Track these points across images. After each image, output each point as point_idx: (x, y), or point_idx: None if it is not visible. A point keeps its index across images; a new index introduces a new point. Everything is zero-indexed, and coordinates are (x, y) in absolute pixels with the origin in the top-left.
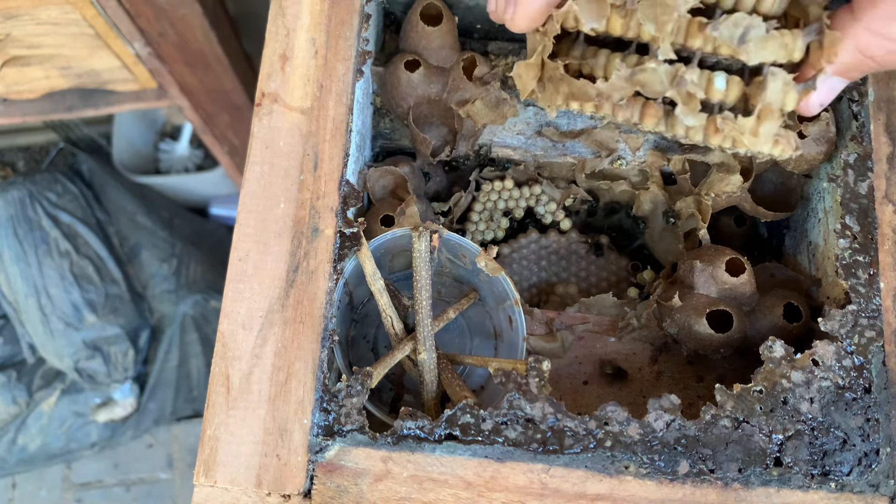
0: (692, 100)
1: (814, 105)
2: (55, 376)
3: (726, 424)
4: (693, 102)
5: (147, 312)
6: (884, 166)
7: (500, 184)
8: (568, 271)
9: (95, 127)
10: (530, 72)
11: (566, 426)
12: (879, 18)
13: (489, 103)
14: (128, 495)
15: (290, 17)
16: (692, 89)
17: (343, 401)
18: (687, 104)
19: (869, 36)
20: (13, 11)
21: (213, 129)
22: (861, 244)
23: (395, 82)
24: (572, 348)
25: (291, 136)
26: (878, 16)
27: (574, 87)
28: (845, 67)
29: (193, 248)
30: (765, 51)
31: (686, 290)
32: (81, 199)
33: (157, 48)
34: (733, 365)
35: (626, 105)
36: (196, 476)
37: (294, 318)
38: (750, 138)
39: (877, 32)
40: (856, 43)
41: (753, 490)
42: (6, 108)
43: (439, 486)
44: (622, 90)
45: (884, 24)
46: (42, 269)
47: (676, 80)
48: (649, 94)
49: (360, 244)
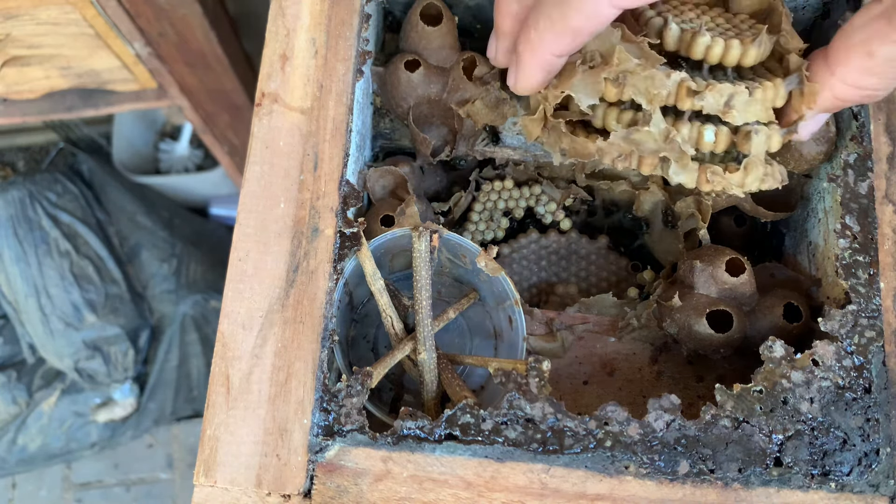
0: (683, 157)
1: (804, 135)
2: (55, 376)
3: (726, 424)
4: (685, 159)
5: (147, 312)
6: (884, 166)
7: (500, 184)
8: (568, 271)
9: (95, 127)
10: (534, 123)
11: (566, 426)
12: (853, 72)
13: (489, 103)
14: (128, 495)
15: (290, 17)
16: (684, 147)
17: (343, 401)
18: (679, 161)
19: (844, 87)
20: (13, 11)
21: (213, 129)
22: (861, 244)
23: (395, 82)
24: (572, 348)
25: (291, 136)
26: (852, 70)
27: (576, 143)
28: (826, 108)
29: (193, 248)
30: (749, 113)
31: (686, 290)
32: (81, 199)
33: (157, 48)
34: (733, 365)
35: (625, 158)
36: (196, 476)
37: (294, 318)
38: (738, 189)
39: (852, 85)
40: (833, 93)
41: (753, 490)
42: (6, 108)
43: (439, 486)
44: (620, 149)
45: (858, 78)
46: (42, 269)
47: (669, 140)
48: (644, 152)
49: (360, 244)
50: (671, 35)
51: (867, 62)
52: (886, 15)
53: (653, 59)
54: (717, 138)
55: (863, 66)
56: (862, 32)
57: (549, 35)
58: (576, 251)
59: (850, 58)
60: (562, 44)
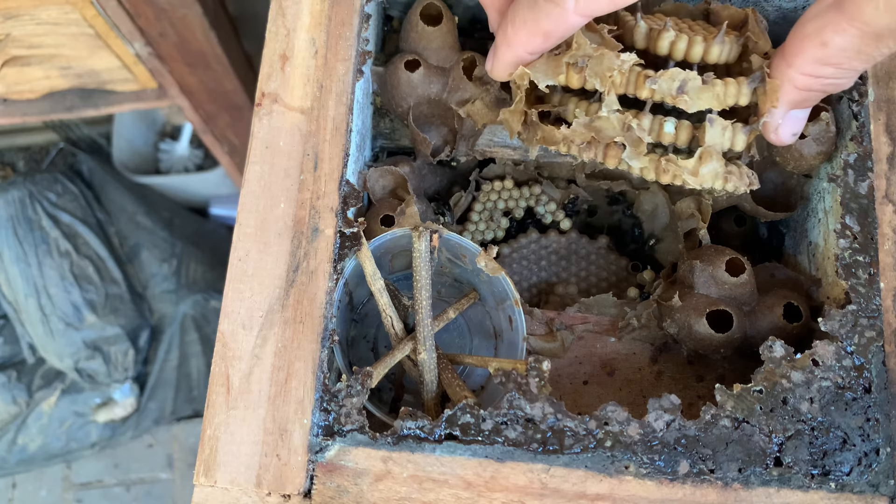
0: (640, 144)
1: (785, 136)
2: (55, 376)
3: (726, 424)
4: (640, 146)
5: (147, 312)
6: (884, 166)
7: (500, 184)
8: (568, 271)
9: (95, 127)
10: (514, 116)
11: (566, 426)
12: (809, 63)
13: (489, 103)
14: (128, 495)
15: (290, 17)
16: (640, 134)
17: (343, 401)
18: (635, 147)
19: (803, 78)
20: (13, 11)
21: (213, 129)
22: (861, 244)
23: (395, 82)
24: (572, 348)
25: (291, 136)
26: (807, 60)
27: (544, 131)
28: (794, 103)
29: (193, 248)
30: (701, 100)
31: (686, 290)
32: (81, 199)
33: (157, 48)
34: (733, 365)
35: (589, 147)
36: (196, 476)
37: (294, 318)
38: (692, 178)
39: (810, 75)
40: (794, 84)
41: (753, 490)
42: (6, 108)
43: (439, 485)
44: (582, 135)
45: (814, 68)
46: (42, 269)
47: (626, 126)
48: (604, 139)
49: (360, 244)
50: (639, 32)
51: (821, 52)
52: (837, 4)
53: (611, 44)
54: (677, 130)
55: (817, 57)
56: (815, 23)
57: (523, 33)
58: (576, 251)
59: (805, 48)
60: (533, 43)
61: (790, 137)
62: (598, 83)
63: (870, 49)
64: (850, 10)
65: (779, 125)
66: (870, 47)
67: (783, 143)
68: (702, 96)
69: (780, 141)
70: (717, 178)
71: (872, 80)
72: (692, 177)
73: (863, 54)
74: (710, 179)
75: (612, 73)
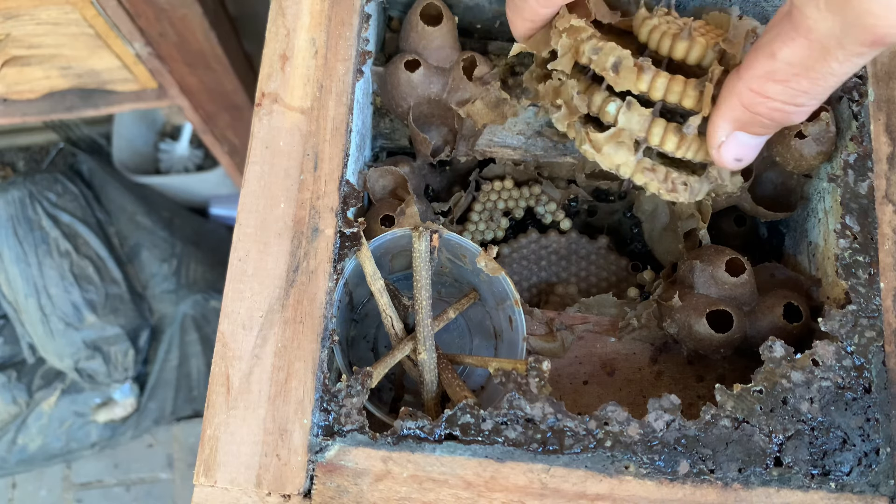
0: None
1: (727, 159)
2: (55, 376)
3: (726, 424)
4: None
5: (147, 312)
6: (884, 166)
7: (500, 184)
8: (568, 271)
9: (95, 127)
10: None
11: (566, 426)
12: (756, 77)
13: (489, 103)
14: (128, 495)
15: (290, 17)
16: (578, 104)
17: (343, 401)
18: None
19: (750, 94)
20: (13, 11)
21: (213, 129)
22: (861, 244)
23: (395, 82)
24: (572, 348)
25: (291, 136)
26: (756, 75)
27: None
28: (740, 123)
29: (193, 248)
30: (627, 82)
31: (686, 290)
32: (81, 199)
33: (157, 48)
34: (733, 365)
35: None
36: (196, 476)
37: (294, 318)
38: (591, 150)
39: (756, 91)
40: (740, 100)
41: (753, 490)
42: (6, 108)
43: (439, 485)
44: (548, 96)
45: (760, 84)
46: (42, 269)
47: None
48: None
49: (360, 244)
50: (637, 19)
51: (769, 64)
52: (789, 14)
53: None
54: (616, 112)
55: (766, 69)
56: (769, 33)
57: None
58: (576, 251)
59: (756, 59)
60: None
61: (733, 162)
62: (558, 45)
63: (818, 65)
64: (796, 18)
65: (721, 143)
66: (818, 62)
67: (726, 167)
68: (628, 77)
69: (721, 162)
70: (627, 167)
71: (872, 80)
72: (593, 150)
73: (812, 72)
74: (617, 164)
75: (562, 34)
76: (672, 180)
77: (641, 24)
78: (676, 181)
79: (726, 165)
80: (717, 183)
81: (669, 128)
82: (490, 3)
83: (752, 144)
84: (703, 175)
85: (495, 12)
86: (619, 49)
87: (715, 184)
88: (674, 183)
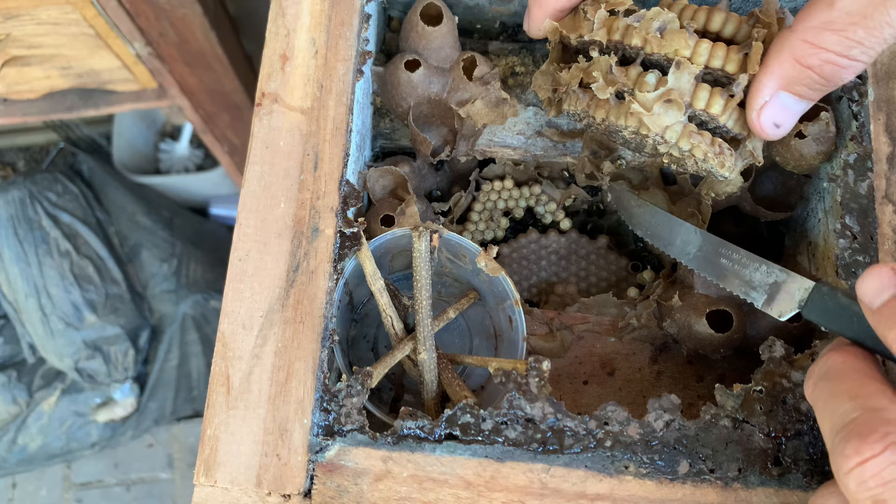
0: (614, 83)
1: (766, 123)
2: (55, 376)
3: (726, 424)
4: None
5: (147, 312)
6: (884, 166)
7: (500, 184)
8: (568, 271)
9: (95, 127)
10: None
11: (566, 426)
12: (812, 28)
13: (489, 103)
14: (128, 495)
15: (290, 17)
16: (618, 75)
17: (343, 401)
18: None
19: (804, 46)
20: (13, 11)
21: (213, 129)
22: (861, 244)
23: (395, 82)
24: (572, 348)
25: (291, 136)
26: (812, 25)
27: (556, 76)
28: (787, 80)
29: (193, 248)
30: (673, 42)
31: (686, 290)
32: (81, 199)
33: (157, 48)
34: (733, 365)
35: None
36: (196, 476)
37: (294, 317)
38: (642, 110)
39: (810, 42)
40: (792, 53)
41: (753, 490)
42: (6, 108)
43: (439, 485)
44: (575, 77)
45: (816, 34)
46: (42, 269)
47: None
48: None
49: (360, 244)
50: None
51: (827, 14)
52: None
53: None
54: (657, 82)
55: (822, 19)
56: None
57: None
58: (576, 251)
59: (812, 9)
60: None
61: (772, 127)
62: (593, 26)
63: (877, 13)
64: None
65: (764, 104)
66: (877, 10)
67: (763, 131)
68: (675, 39)
69: (759, 126)
70: (674, 131)
71: (872, 80)
72: (643, 109)
73: (869, 20)
74: (665, 125)
75: (597, 12)
76: (719, 144)
77: (672, 5)
78: (723, 145)
79: (764, 131)
80: (749, 160)
81: (715, 91)
82: (490, 3)
83: (793, 110)
84: (738, 149)
85: (495, 12)
86: (665, 12)
87: (748, 160)
88: (721, 147)
